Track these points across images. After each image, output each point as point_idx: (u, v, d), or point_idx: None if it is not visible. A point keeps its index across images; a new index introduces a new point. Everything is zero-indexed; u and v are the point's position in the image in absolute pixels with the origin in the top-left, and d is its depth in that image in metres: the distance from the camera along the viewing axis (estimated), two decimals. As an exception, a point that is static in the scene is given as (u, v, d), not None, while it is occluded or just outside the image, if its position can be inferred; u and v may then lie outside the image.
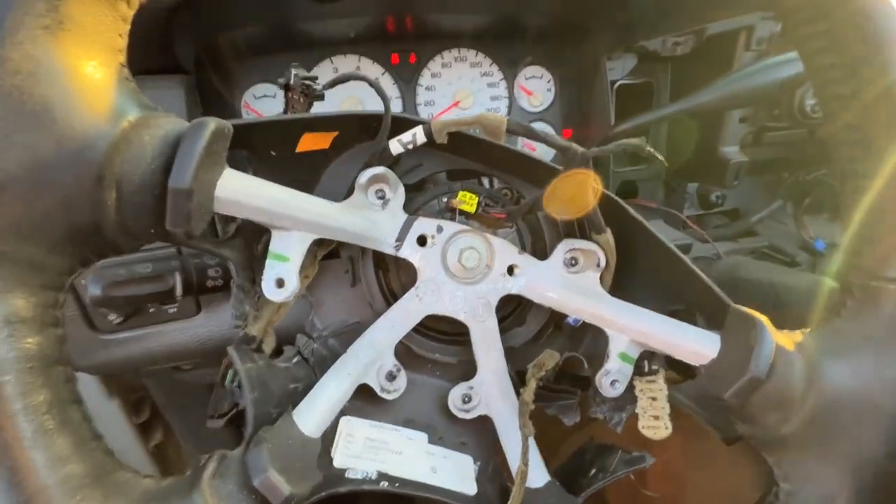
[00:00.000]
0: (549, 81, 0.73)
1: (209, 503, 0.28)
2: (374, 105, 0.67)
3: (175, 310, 0.50)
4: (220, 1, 0.48)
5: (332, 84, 0.40)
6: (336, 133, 0.41)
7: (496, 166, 0.46)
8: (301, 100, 0.41)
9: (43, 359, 0.24)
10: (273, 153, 0.39)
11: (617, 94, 0.69)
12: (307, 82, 0.40)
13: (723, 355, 0.35)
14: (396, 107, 0.69)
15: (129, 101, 0.26)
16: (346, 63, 0.67)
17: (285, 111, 0.42)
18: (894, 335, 0.31)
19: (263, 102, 0.65)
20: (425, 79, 0.70)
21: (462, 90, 0.71)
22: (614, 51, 0.65)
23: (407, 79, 0.69)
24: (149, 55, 0.49)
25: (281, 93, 0.53)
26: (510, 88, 0.72)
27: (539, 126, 0.74)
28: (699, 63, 0.68)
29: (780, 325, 0.34)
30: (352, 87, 0.66)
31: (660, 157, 0.39)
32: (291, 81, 0.40)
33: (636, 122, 0.63)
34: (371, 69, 0.68)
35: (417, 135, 0.39)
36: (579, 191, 0.37)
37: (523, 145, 0.71)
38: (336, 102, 0.67)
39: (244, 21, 0.57)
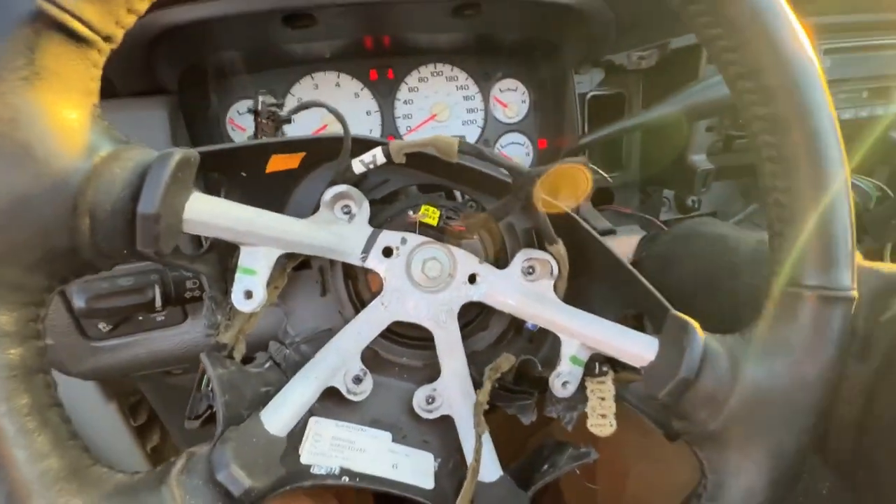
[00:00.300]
0: (523, 94, 0.76)
1: (176, 495, 0.31)
2: (354, 122, 0.71)
3: (162, 318, 0.54)
4: (198, 29, 0.51)
5: (296, 110, 0.43)
6: (304, 154, 0.44)
7: (458, 180, 0.49)
8: (269, 124, 0.44)
9: (25, 368, 0.27)
10: (244, 174, 0.42)
11: (591, 105, 0.72)
12: (273, 108, 0.44)
13: (659, 358, 0.38)
14: (375, 121, 0.73)
15: (101, 137, 0.29)
16: (326, 79, 0.70)
17: (255, 135, 0.45)
18: (808, 339, 0.33)
19: (248, 118, 0.68)
20: (403, 93, 0.73)
21: (439, 104, 0.74)
22: (582, 65, 0.68)
23: (385, 93, 0.72)
24: (132, 79, 0.52)
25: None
26: (485, 101, 0.75)
27: (515, 137, 0.77)
28: (668, 74, 0.70)
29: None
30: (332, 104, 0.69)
31: (603, 174, 0.42)
32: (259, 108, 0.43)
33: (603, 132, 0.66)
34: (350, 85, 0.71)
35: (377, 156, 0.42)
36: (571, 182, 0.38)
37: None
38: (317, 120, 0.70)
39: (223, 46, 0.60)
